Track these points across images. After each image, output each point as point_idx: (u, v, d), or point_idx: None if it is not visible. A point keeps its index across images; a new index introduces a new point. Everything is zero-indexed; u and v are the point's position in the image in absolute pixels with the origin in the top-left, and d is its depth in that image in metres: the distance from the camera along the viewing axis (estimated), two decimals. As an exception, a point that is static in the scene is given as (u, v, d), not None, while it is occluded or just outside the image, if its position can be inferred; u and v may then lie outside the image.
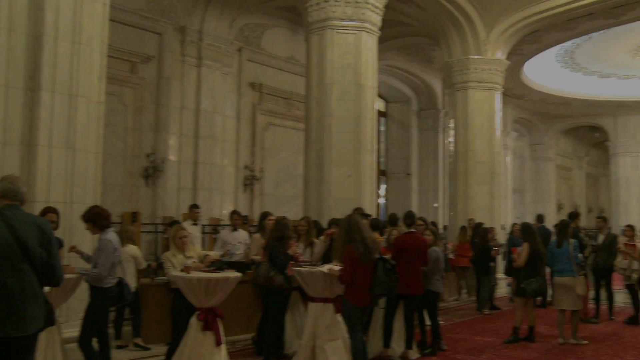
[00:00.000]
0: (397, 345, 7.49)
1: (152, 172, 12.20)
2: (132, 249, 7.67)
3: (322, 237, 7.83)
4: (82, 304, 5.87)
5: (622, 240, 10.82)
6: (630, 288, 10.55)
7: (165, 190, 12.41)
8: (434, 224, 12.89)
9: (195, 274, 5.86)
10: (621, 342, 8.77)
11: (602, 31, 15.27)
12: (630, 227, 11.20)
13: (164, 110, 12.47)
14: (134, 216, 11.22)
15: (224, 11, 13.14)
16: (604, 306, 10.89)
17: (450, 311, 11.46)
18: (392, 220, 9.07)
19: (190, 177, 12.82)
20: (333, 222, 7.73)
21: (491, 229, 12.04)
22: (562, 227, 9.01)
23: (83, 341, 5.58)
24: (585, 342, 8.51)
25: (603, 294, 10.96)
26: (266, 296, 7.00)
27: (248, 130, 14.21)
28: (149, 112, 12.32)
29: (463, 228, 12.92)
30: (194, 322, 5.85)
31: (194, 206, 10.21)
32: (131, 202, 11.89)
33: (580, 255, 9.13)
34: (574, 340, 8.48)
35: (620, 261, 10.51)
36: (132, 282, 7.25)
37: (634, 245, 10.39)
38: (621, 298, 12.01)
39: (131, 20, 11.92)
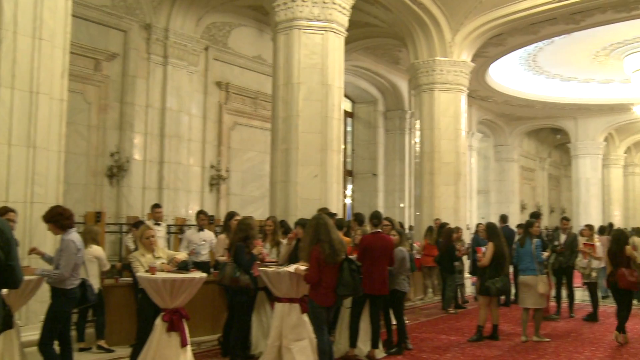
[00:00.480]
0: (364, 344, 7.52)
1: (116, 171, 12.02)
2: (95, 249, 7.55)
3: (285, 240, 7.86)
4: (43, 306, 5.76)
5: (581, 240, 11.12)
6: (590, 286, 10.81)
7: (130, 190, 12.24)
8: (401, 225, 13.00)
9: (160, 275, 5.80)
10: (580, 339, 8.98)
11: (563, 36, 15.59)
12: (588, 227, 11.51)
13: (128, 108, 12.30)
14: (98, 216, 11.05)
15: (191, 9, 13.02)
16: (565, 304, 11.12)
17: (416, 310, 11.56)
18: (359, 220, 9.09)
19: (155, 177, 12.67)
20: (298, 223, 7.73)
21: (458, 229, 12.18)
22: (526, 226, 9.21)
23: (44, 344, 5.47)
24: (547, 339, 8.66)
25: (565, 292, 11.19)
26: (232, 296, 6.95)
27: (214, 130, 14.11)
28: (114, 110, 12.14)
29: (430, 228, 13.02)
30: (159, 323, 5.77)
31: (156, 206, 10.07)
32: (95, 201, 11.70)
33: (545, 254, 9.31)
34: (536, 337, 8.63)
35: (580, 260, 10.80)
36: (95, 283, 7.14)
37: (592, 245, 10.69)
38: (580, 296, 12.30)
39: (95, 16, 11.72)
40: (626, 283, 8.36)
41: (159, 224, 9.66)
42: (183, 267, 6.16)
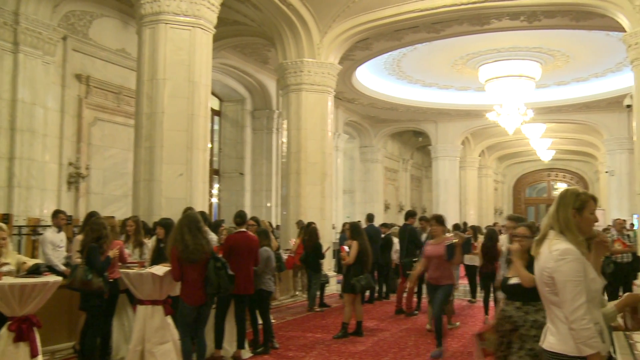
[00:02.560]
0: (229, 345, 7.47)
1: (-42, 167, 11.01)
2: None
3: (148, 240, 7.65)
4: None
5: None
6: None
7: (-26, 188, 11.27)
8: (271, 224, 12.97)
9: (7, 280, 5.36)
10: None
11: (425, 43, 16.38)
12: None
13: (-27, 99, 11.30)
14: None
15: (46, -5, 12.18)
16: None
17: (283, 309, 11.63)
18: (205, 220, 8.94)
19: (5, 174, 11.71)
20: (159, 223, 7.53)
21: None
22: None
23: None
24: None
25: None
26: (85, 300, 6.59)
27: (73, 125, 13.31)
28: (-45, 100, 11.09)
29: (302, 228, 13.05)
30: (4, 333, 5.34)
31: None
32: None
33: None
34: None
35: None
36: None
37: None
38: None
39: None
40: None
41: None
42: (34, 270, 5.74)
